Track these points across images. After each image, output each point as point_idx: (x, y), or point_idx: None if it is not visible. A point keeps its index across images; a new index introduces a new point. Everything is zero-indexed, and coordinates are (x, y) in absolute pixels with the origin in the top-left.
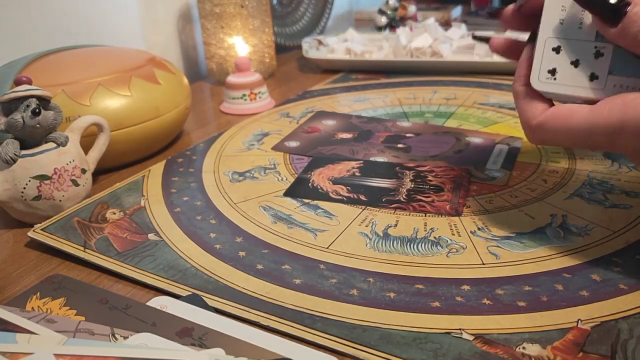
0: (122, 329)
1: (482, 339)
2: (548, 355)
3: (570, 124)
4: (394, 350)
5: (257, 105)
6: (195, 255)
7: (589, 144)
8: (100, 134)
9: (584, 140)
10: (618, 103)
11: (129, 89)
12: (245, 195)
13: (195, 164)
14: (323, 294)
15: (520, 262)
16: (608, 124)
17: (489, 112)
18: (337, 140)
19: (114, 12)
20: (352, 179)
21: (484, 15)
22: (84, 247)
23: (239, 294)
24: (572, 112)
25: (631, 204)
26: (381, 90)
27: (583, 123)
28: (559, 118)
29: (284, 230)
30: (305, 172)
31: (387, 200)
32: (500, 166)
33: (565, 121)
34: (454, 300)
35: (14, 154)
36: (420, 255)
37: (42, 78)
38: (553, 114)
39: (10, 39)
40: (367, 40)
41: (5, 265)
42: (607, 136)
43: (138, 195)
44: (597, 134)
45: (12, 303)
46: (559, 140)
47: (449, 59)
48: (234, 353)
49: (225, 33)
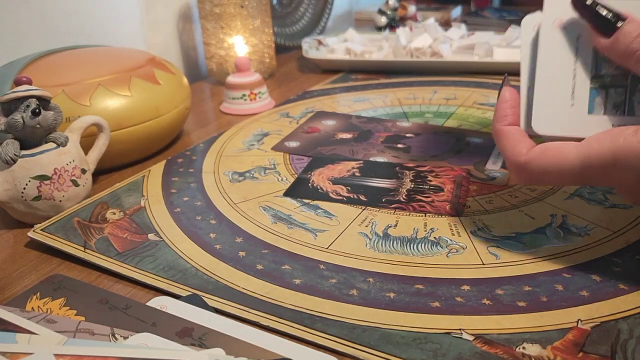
0: (122, 329)
1: (482, 339)
2: (548, 355)
3: (562, 159)
4: (394, 350)
5: (257, 105)
6: (195, 255)
7: (582, 178)
8: (100, 134)
9: (577, 176)
10: (606, 135)
11: (128, 89)
12: (245, 196)
13: (195, 164)
14: (323, 294)
15: (520, 262)
16: (601, 155)
17: (489, 112)
18: (337, 140)
19: (114, 12)
20: (352, 179)
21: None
22: (84, 247)
23: (239, 294)
24: (563, 148)
25: (631, 204)
26: (381, 90)
27: (575, 158)
28: (550, 155)
29: (284, 230)
30: (305, 172)
31: (387, 200)
32: (500, 166)
33: (556, 157)
34: (454, 300)
35: (14, 154)
36: (420, 256)
37: (42, 78)
38: (542, 151)
39: (10, 39)
40: (367, 40)
41: (5, 265)
42: (602, 169)
43: (138, 195)
44: (592, 167)
45: (12, 303)
46: (548, 178)
47: (449, 59)
48: (234, 353)
49: (225, 33)
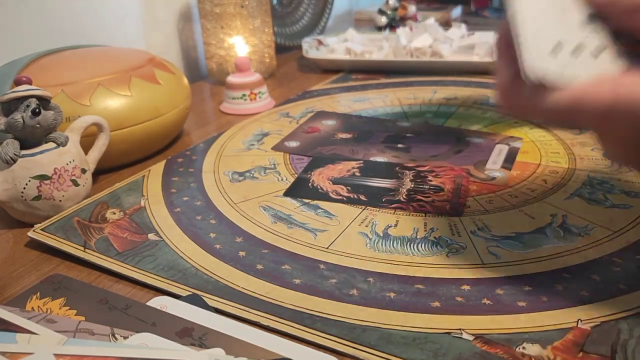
0: (122, 329)
1: (482, 339)
2: (548, 355)
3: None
4: (394, 350)
5: (257, 105)
6: (195, 255)
7: (571, 121)
8: (100, 134)
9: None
10: (607, 80)
11: (129, 89)
12: (245, 195)
13: (195, 164)
14: (323, 294)
15: (520, 262)
16: (598, 100)
17: (489, 112)
18: (337, 140)
19: (114, 12)
20: (352, 179)
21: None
22: (84, 247)
23: (239, 294)
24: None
25: (631, 204)
26: (381, 90)
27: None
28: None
29: (284, 230)
30: (305, 172)
31: (387, 200)
32: (500, 166)
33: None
34: (454, 300)
35: (14, 154)
36: (420, 255)
37: (42, 78)
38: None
39: (10, 39)
40: (367, 40)
41: (5, 265)
42: (596, 116)
43: (138, 195)
44: (584, 112)
45: (12, 303)
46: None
47: (449, 59)
48: (234, 353)
49: (225, 33)
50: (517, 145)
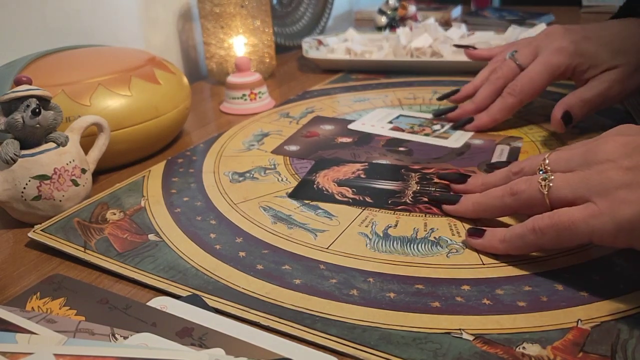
0: (122, 329)
1: (482, 339)
2: (548, 355)
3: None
4: (394, 350)
5: (257, 105)
6: (196, 255)
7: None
8: (100, 134)
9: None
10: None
11: (129, 89)
12: (245, 196)
13: (195, 165)
14: (323, 294)
15: (520, 262)
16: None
17: None
18: (338, 144)
19: (114, 12)
20: (358, 181)
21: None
22: (84, 247)
23: (239, 294)
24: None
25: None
26: (381, 90)
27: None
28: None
29: (284, 230)
30: (310, 173)
31: (393, 202)
32: None
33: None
34: (454, 300)
35: (14, 154)
36: (420, 256)
37: (42, 78)
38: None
39: (10, 39)
40: (367, 40)
41: (5, 265)
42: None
43: (138, 195)
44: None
45: (12, 303)
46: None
47: (449, 59)
48: (234, 353)
49: (225, 33)
50: (517, 145)
